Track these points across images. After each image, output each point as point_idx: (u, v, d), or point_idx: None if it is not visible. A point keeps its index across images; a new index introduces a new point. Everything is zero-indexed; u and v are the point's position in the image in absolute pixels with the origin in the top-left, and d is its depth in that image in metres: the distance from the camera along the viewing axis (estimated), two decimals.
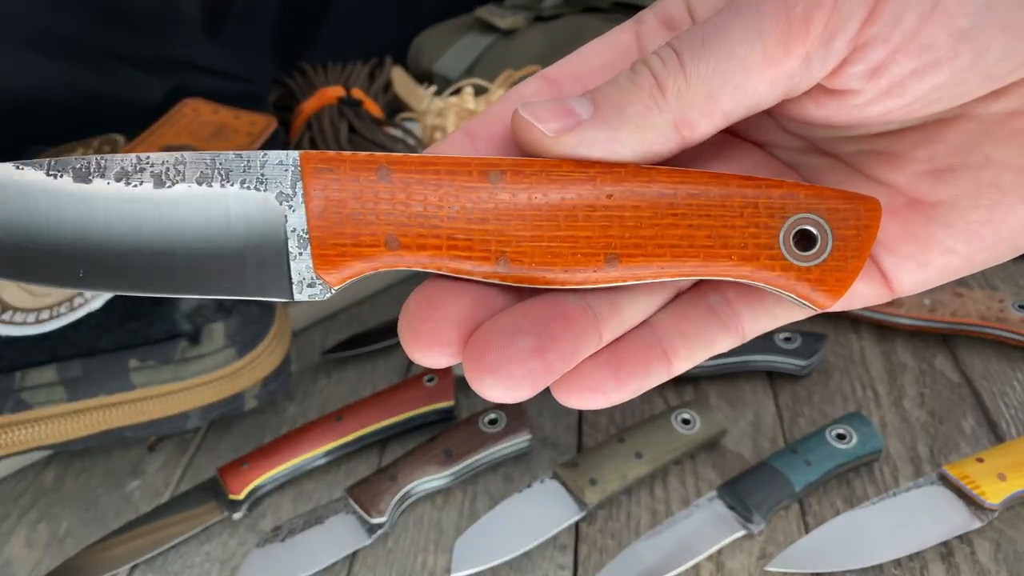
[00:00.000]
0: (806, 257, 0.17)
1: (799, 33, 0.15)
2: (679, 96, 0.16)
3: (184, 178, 0.16)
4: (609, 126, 0.16)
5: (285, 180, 0.16)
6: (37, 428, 0.36)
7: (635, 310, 0.18)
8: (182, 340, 0.37)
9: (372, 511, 0.35)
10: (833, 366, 0.44)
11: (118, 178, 0.16)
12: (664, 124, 0.16)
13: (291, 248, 0.16)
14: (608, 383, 0.17)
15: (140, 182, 0.16)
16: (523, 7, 0.68)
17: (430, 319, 0.16)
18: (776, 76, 0.16)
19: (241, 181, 0.16)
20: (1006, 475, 0.34)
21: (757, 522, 0.34)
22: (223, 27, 0.66)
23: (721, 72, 0.16)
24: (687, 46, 0.16)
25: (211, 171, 0.16)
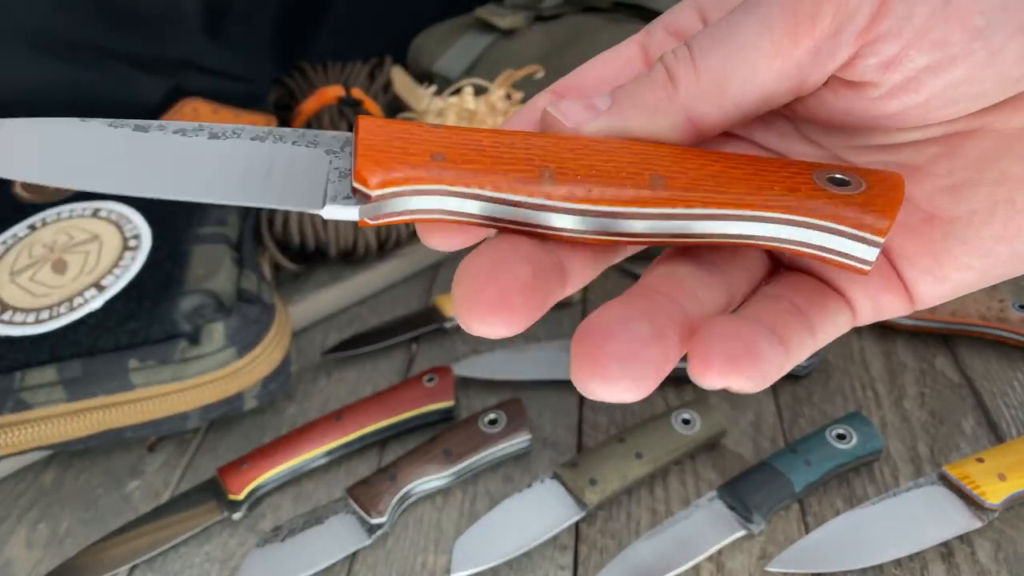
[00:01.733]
0: (845, 189, 0.16)
1: (806, 26, 0.16)
2: (689, 87, 0.17)
3: (239, 137, 0.17)
4: (623, 115, 0.17)
5: (336, 144, 0.17)
6: (37, 428, 0.36)
7: (708, 294, 0.18)
8: (182, 340, 0.37)
9: (372, 511, 0.35)
10: (833, 366, 0.43)
11: (175, 132, 0.17)
12: (676, 114, 0.17)
13: (331, 177, 0.17)
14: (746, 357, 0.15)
15: (196, 135, 0.17)
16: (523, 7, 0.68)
17: (494, 284, 0.15)
18: (785, 67, 0.16)
19: (293, 142, 0.17)
20: (1006, 475, 0.34)
21: (757, 522, 0.34)
22: (223, 27, 0.66)
23: (730, 64, 0.16)
24: (699, 41, 0.17)
25: (266, 135, 0.18)
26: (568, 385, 0.43)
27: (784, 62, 0.16)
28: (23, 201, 0.46)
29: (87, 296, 0.39)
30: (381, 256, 0.52)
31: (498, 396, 0.43)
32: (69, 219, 0.44)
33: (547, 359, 0.43)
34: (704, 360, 0.15)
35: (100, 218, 0.43)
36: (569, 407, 0.42)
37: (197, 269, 0.40)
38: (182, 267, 0.40)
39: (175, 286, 0.39)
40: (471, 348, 0.47)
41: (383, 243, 0.51)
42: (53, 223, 0.43)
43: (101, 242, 0.42)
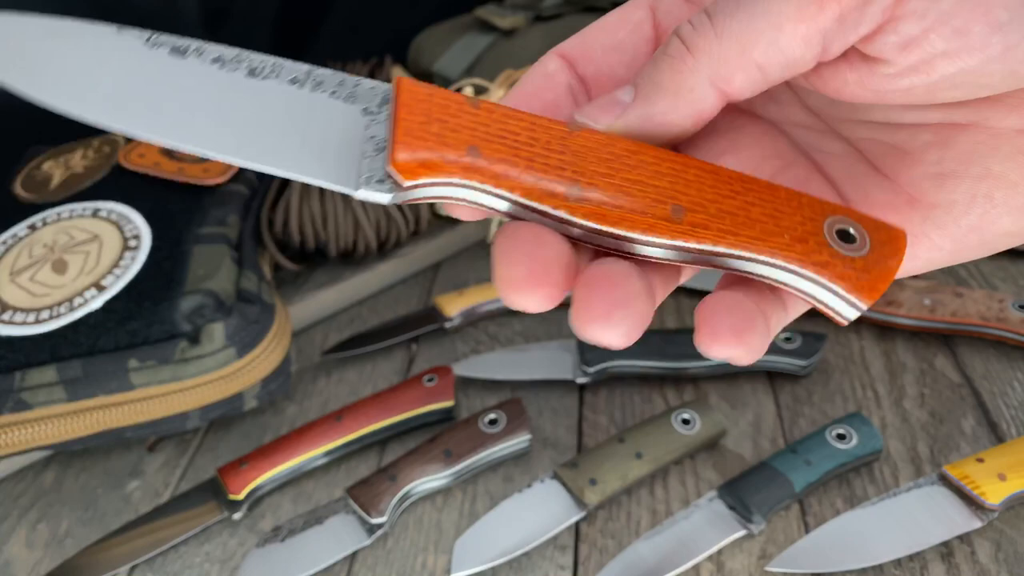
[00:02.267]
0: (849, 248, 0.17)
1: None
2: (711, 54, 0.16)
3: (278, 77, 0.17)
4: (648, 101, 0.17)
5: (373, 100, 0.17)
6: (37, 428, 0.36)
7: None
8: (182, 340, 0.37)
9: (372, 511, 0.35)
10: (833, 366, 0.44)
11: (213, 61, 0.17)
12: (700, 84, 0.17)
13: (365, 149, 0.17)
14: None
15: (234, 70, 0.17)
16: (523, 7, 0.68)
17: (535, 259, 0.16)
18: (809, 32, 0.16)
19: (331, 92, 0.17)
20: (1006, 475, 0.34)
21: (757, 522, 0.34)
22: (223, 25, 0.66)
23: (754, 27, 0.16)
24: (719, 7, 0.17)
25: (305, 78, 0.17)
26: (568, 385, 0.43)
27: (809, 27, 0.16)
28: (23, 201, 0.46)
29: (87, 296, 0.39)
30: (381, 256, 0.52)
31: (498, 396, 0.43)
32: (69, 219, 0.44)
33: (547, 359, 0.43)
34: (713, 332, 0.16)
35: (100, 218, 0.43)
36: (569, 407, 0.42)
37: (197, 269, 0.40)
38: (182, 267, 0.40)
39: (175, 286, 0.39)
40: (471, 348, 0.47)
41: (383, 243, 0.51)
42: (53, 223, 0.43)
43: (101, 242, 0.42)
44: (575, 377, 0.42)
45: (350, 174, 0.16)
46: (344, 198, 0.49)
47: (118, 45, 0.16)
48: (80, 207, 0.44)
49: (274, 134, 0.16)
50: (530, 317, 0.49)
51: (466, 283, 0.52)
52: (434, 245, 0.54)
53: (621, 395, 0.43)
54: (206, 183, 0.46)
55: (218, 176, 0.46)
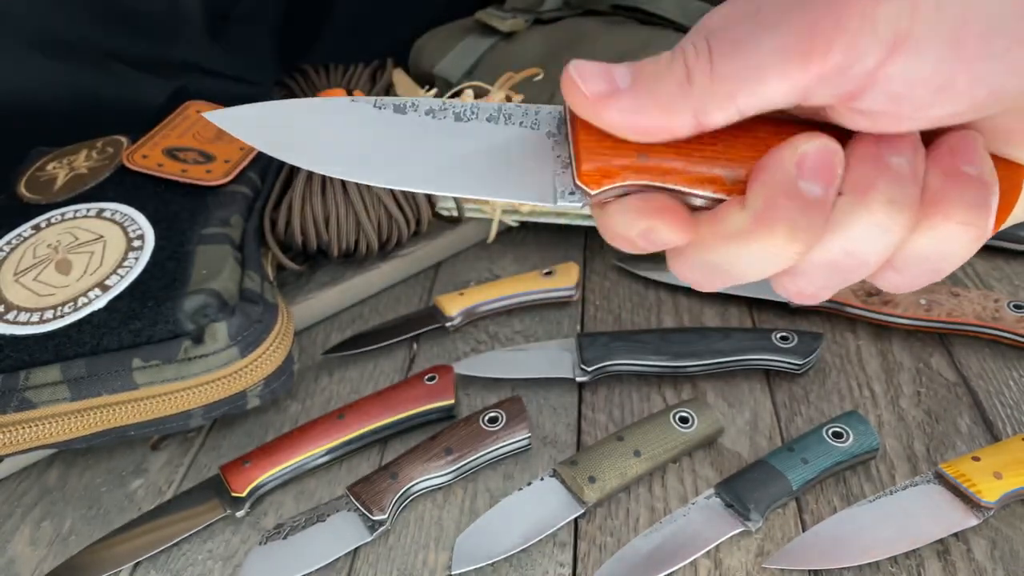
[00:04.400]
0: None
1: (817, 58, 0.17)
2: (702, 88, 0.18)
3: (477, 118, 0.20)
4: (640, 102, 0.18)
5: (553, 123, 0.20)
6: (41, 427, 0.36)
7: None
8: (185, 339, 0.37)
9: (373, 508, 0.36)
10: (830, 365, 0.44)
11: (426, 113, 0.20)
12: (685, 110, 0.18)
13: (556, 169, 0.20)
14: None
15: (444, 117, 0.20)
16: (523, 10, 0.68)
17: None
18: (793, 86, 0.17)
19: (520, 123, 0.20)
20: (1002, 473, 0.34)
21: (755, 519, 0.34)
22: (225, 29, 0.66)
23: (743, 76, 0.17)
24: (718, 45, 0.18)
25: (498, 114, 0.20)
26: (567, 384, 0.44)
27: (792, 84, 0.17)
28: (28, 202, 0.46)
29: (91, 296, 0.39)
30: (382, 256, 0.53)
31: (498, 394, 0.43)
32: (73, 219, 0.44)
33: (547, 358, 0.44)
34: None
35: (104, 218, 0.44)
36: (568, 405, 0.43)
37: (200, 269, 0.40)
38: (185, 267, 0.40)
39: (178, 286, 0.39)
40: (471, 347, 0.47)
41: (384, 243, 0.51)
42: (57, 224, 0.44)
43: (105, 242, 0.42)
44: (574, 376, 0.43)
45: (548, 191, 0.20)
46: (345, 199, 0.49)
47: (353, 112, 0.20)
48: (84, 208, 0.45)
49: (487, 168, 0.20)
50: (530, 316, 0.49)
51: (467, 283, 0.53)
52: (435, 245, 0.55)
53: (620, 393, 0.43)
54: (209, 184, 0.46)
55: (221, 177, 0.47)
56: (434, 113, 0.20)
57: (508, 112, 0.20)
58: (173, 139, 0.50)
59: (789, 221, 0.18)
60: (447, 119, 0.20)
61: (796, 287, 0.20)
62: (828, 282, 0.20)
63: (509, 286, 0.49)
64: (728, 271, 0.20)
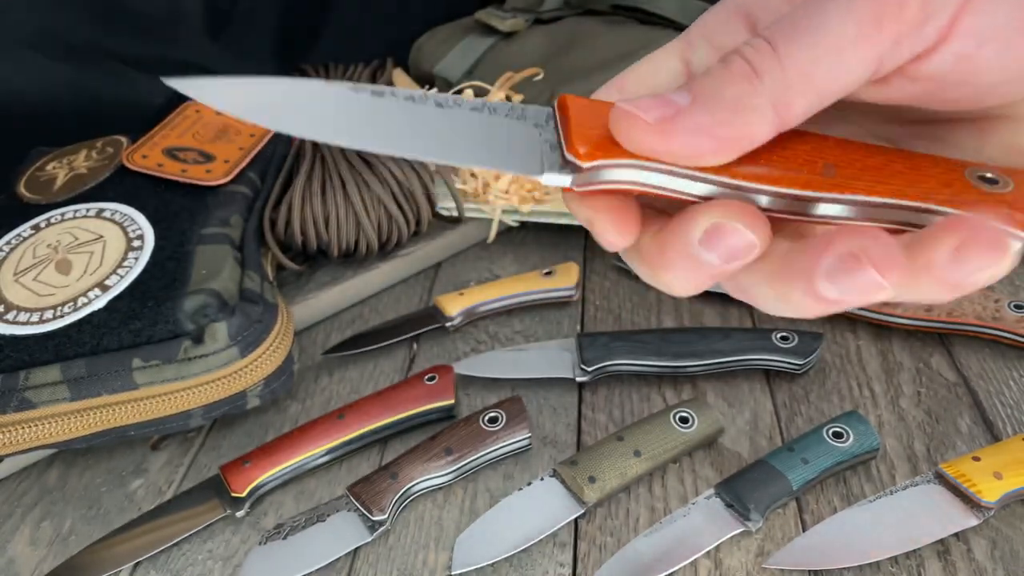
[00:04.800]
0: (995, 188, 0.18)
1: (892, 14, 0.16)
2: (775, 78, 0.16)
3: (460, 107, 0.19)
4: (708, 109, 0.16)
5: (540, 117, 0.19)
6: (41, 427, 0.36)
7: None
8: (185, 339, 0.37)
9: (373, 509, 0.36)
10: (830, 365, 0.44)
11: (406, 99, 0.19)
12: (763, 105, 0.16)
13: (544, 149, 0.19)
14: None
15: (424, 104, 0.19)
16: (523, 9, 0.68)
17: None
18: (868, 55, 0.16)
19: (505, 115, 0.19)
20: (1002, 473, 0.34)
21: (755, 520, 0.34)
22: (225, 29, 0.66)
23: (815, 52, 0.16)
24: (778, 33, 0.17)
25: (482, 107, 0.20)
26: (567, 384, 0.44)
27: (868, 50, 0.16)
28: (27, 202, 0.46)
29: (91, 296, 0.39)
30: (382, 256, 0.53)
31: (498, 394, 0.43)
32: (73, 220, 0.44)
33: (547, 358, 0.44)
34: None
35: (104, 218, 0.44)
36: (568, 405, 0.43)
37: (200, 269, 0.40)
38: (185, 267, 0.40)
39: (178, 286, 0.39)
40: (471, 347, 0.47)
41: (384, 243, 0.51)
42: (57, 224, 0.44)
43: (105, 242, 0.42)
44: (574, 376, 0.43)
45: (534, 164, 0.18)
46: (345, 199, 0.49)
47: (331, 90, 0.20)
48: (84, 208, 0.45)
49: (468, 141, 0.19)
50: (530, 316, 0.49)
51: (467, 283, 0.53)
52: (435, 245, 0.55)
53: (620, 394, 0.43)
54: (209, 184, 0.46)
55: (221, 177, 0.47)
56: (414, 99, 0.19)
57: (493, 107, 0.19)
58: (173, 139, 0.50)
59: (672, 273, 0.18)
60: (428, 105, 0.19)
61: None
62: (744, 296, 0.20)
63: (509, 286, 0.49)
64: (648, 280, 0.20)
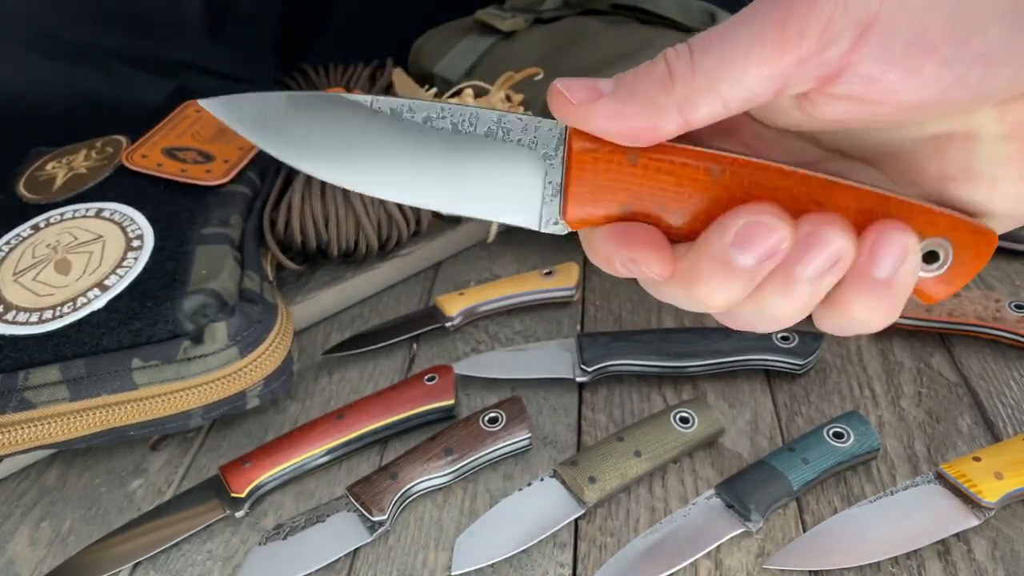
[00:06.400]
0: (930, 269, 0.20)
1: (793, 42, 0.18)
2: (684, 83, 0.18)
3: (475, 130, 0.20)
4: (623, 101, 0.19)
5: (551, 143, 0.20)
6: (40, 427, 0.36)
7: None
8: (184, 339, 0.37)
9: (373, 509, 0.36)
10: (830, 365, 0.44)
11: (424, 120, 0.20)
12: (669, 105, 0.19)
13: (546, 195, 0.21)
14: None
15: (441, 127, 0.20)
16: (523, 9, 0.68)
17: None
18: (769, 74, 0.18)
19: (518, 140, 0.20)
20: (1003, 474, 0.34)
21: (755, 520, 0.34)
22: (225, 28, 0.66)
23: (723, 67, 0.18)
24: (698, 43, 0.19)
25: (496, 128, 0.20)
26: (568, 384, 0.44)
27: (771, 70, 0.18)
28: (27, 202, 0.46)
29: (90, 296, 0.39)
30: (382, 256, 0.53)
31: (498, 395, 0.43)
32: (72, 219, 0.44)
33: (547, 358, 0.44)
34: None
35: (103, 218, 0.44)
36: (569, 406, 0.43)
37: (200, 269, 0.40)
38: (185, 267, 0.40)
39: (178, 286, 0.39)
40: (471, 347, 0.47)
41: (384, 243, 0.51)
42: (57, 223, 0.44)
43: (104, 242, 0.42)
44: (575, 376, 0.43)
45: (534, 217, 0.21)
46: (345, 199, 0.49)
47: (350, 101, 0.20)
48: (83, 207, 0.45)
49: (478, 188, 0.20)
50: (530, 316, 0.49)
51: (467, 283, 0.53)
52: (435, 245, 0.55)
53: (620, 394, 0.43)
54: (209, 183, 0.46)
55: (221, 177, 0.47)
56: (432, 121, 0.20)
57: (507, 126, 0.20)
58: (172, 139, 0.50)
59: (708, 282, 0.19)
60: (444, 128, 0.20)
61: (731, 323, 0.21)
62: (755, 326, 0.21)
63: (509, 286, 0.49)
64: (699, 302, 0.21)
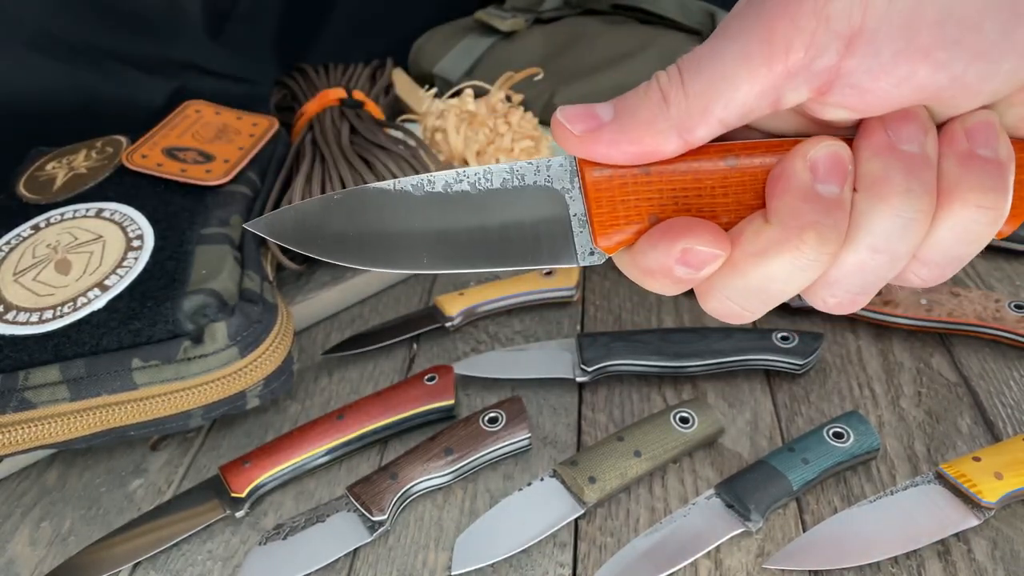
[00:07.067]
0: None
1: (780, 56, 0.18)
2: (679, 107, 0.19)
3: (491, 183, 0.21)
4: (624, 128, 0.19)
5: (565, 177, 0.21)
6: (40, 427, 0.36)
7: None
8: (185, 339, 0.37)
9: (373, 509, 0.36)
10: (830, 365, 0.44)
11: (444, 187, 0.21)
12: (668, 129, 0.19)
13: (574, 228, 0.21)
14: None
15: (460, 190, 0.21)
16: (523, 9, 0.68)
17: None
18: (760, 89, 0.18)
19: (534, 182, 0.21)
20: (1002, 474, 0.34)
21: (755, 520, 0.34)
22: (225, 29, 0.66)
23: (715, 88, 0.18)
24: (686, 65, 0.19)
25: (511, 176, 0.21)
26: (568, 384, 0.44)
27: (762, 85, 0.18)
28: (27, 202, 0.46)
29: (90, 296, 0.39)
30: None
31: (498, 395, 0.43)
32: (72, 219, 0.44)
33: (547, 358, 0.44)
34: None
35: (104, 218, 0.44)
36: (569, 406, 0.43)
37: (200, 269, 0.40)
38: (185, 267, 0.40)
39: (178, 286, 0.39)
40: (471, 347, 0.47)
41: None
42: (57, 223, 0.44)
43: (104, 242, 0.42)
44: (574, 376, 0.43)
45: (571, 253, 0.21)
46: None
47: (375, 191, 0.21)
48: (83, 207, 0.45)
49: (509, 243, 0.21)
50: (530, 316, 0.49)
51: (467, 283, 0.53)
52: None
53: (620, 394, 0.43)
54: (209, 183, 0.46)
55: (221, 177, 0.47)
56: (451, 186, 0.21)
57: (520, 172, 0.21)
58: (172, 139, 0.50)
59: (815, 224, 0.18)
60: (464, 190, 0.21)
61: (833, 297, 0.20)
62: (861, 286, 0.20)
63: (509, 286, 0.49)
64: (765, 291, 0.20)
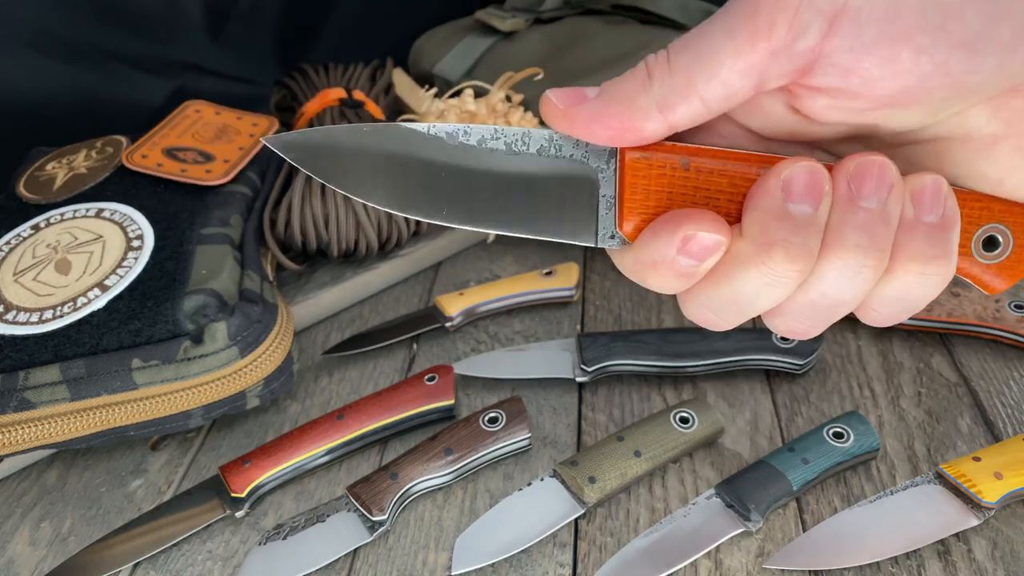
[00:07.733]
0: (989, 256, 0.21)
1: (763, 34, 0.18)
2: (663, 82, 0.19)
3: (528, 148, 0.21)
4: (606, 103, 0.20)
5: (603, 156, 0.21)
6: (40, 427, 0.36)
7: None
8: (185, 339, 0.37)
9: (373, 509, 0.36)
10: (830, 365, 0.44)
11: (478, 142, 0.21)
12: (648, 104, 0.19)
13: (600, 210, 0.21)
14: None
15: (494, 148, 0.21)
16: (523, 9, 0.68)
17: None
18: (745, 67, 0.19)
19: (570, 155, 0.21)
20: (1002, 474, 0.34)
21: (755, 520, 0.34)
22: (225, 29, 0.66)
23: (698, 63, 0.19)
24: (674, 45, 0.20)
25: (549, 145, 0.21)
26: (567, 384, 0.44)
27: (745, 62, 0.19)
28: (27, 202, 0.46)
29: (90, 296, 0.39)
30: (382, 256, 0.53)
31: (498, 395, 0.43)
32: (72, 219, 0.44)
33: (547, 358, 0.44)
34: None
35: (104, 218, 0.44)
36: (568, 406, 0.43)
37: (200, 269, 0.40)
38: (185, 267, 0.40)
39: (178, 286, 0.39)
40: (471, 347, 0.47)
41: (384, 243, 0.51)
42: (57, 223, 0.44)
43: (104, 242, 0.42)
44: (574, 376, 0.43)
45: (590, 232, 0.21)
46: (345, 199, 0.49)
47: (406, 136, 0.20)
48: (83, 207, 0.45)
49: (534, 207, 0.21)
50: (530, 316, 0.49)
51: (467, 283, 0.53)
52: (435, 245, 0.55)
53: (620, 394, 0.43)
54: (209, 183, 0.46)
55: (221, 177, 0.47)
56: (486, 142, 0.21)
57: (560, 143, 0.21)
58: (172, 139, 0.50)
59: (783, 242, 0.19)
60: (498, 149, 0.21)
61: (785, 325, 0.21)
62: (812, 321, 0.21)
63: (509, 286, 0.49)
64: (735, 302, 0.20)
